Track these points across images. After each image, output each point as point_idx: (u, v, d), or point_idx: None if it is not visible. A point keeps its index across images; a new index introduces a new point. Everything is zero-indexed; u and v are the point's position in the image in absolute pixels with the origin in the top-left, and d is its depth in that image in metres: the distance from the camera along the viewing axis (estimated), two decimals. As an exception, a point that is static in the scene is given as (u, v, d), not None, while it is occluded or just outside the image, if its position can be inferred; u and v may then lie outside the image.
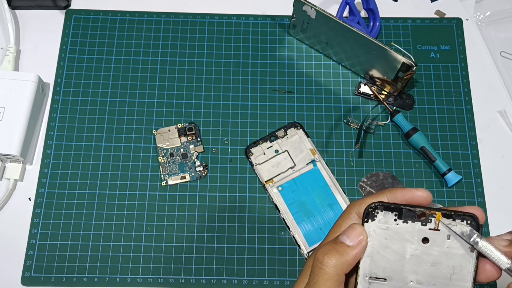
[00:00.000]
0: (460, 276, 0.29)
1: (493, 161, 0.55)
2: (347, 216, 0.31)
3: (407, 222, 0.29)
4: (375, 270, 0.29)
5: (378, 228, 0.29)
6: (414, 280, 0.29)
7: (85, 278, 0.50)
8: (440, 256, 0.29)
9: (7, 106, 0.52)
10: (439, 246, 0.29)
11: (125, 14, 0.61)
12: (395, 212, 0.29)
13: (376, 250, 0.29)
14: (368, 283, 0.29)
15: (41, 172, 0.53)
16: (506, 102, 0.58)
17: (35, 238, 0.51)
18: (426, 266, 0.29)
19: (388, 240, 0.29)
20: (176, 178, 0.53)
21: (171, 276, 0.50)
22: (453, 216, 0.29)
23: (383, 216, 0.29)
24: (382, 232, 0.29)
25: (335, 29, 0.54)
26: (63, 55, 0.58)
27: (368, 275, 0.29)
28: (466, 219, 0.29)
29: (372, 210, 0.29)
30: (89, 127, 0.55)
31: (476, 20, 0.62)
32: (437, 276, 0.29)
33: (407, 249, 0.29)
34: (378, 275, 0.29)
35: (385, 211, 0.29)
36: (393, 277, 0.29)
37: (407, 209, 0.29)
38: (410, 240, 0.29)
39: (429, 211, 0.29)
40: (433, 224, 0.29)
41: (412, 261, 0.29)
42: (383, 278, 0.29)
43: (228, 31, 0.60)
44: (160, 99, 0.57)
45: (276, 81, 0.58)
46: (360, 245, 0.29)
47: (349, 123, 0.56)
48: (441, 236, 0.29)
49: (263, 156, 0.54)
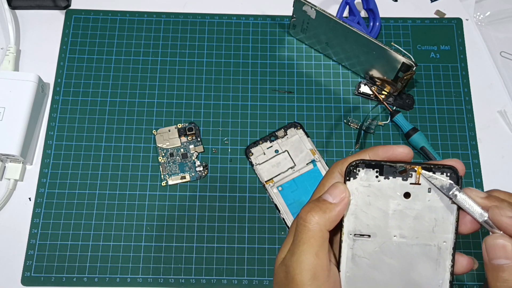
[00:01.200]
0: (442, 228, 0.29)
1: (493, 161, 0.55)
2: (330, 176, 0.32)
3: (389, 178, 0.29)
4: (359, 227, 0.30)
5: (360, 186, 0.30)
6: (398, 235, 0.29)
7: (85, 278, 0.50)
8: (423, 209, 0.29)
9: (7, 106, 0.52)
10: (421, 200, 0.29)
11: (125, 14, 0.61)
12: (377, 169, 0.29)
13: (359, 208, 0.30)
14: (353, 240, 0.30)
15: (41, 172, 0.53)
16: (506, 102, 0.58)
17: (35, 238, 0.51)
18: (409, 221, 0.29)
19: (371, 197, 0.30)
20: (176, 178, 0.53)
21: (171, 276, 0.50)
22: (433, 169, 0.29)
23: (365, 173, 0.29)
24: (364, 190, 0.30)
25: (335, 29, 0.54)
26: (63, 55, 0.58)
27: (352, 233, 0.30)
28: (446, 172, 0.29)
29: (353, 168, 0.30)
30: (89, 127, 0.55)
31: (476, 20, 0.62)
32: (420, 229, 0.29)
33: (390, 205, 0.29)
34: (362, 232, 0.30)
35: (367, 169, 0.29)
36: (377, 233, 0.30)
37: (388, 165, 0.29)
38: (393, 196, 0.29)
39: (410, 166, 0.29)
40: (414, 179, 0.29)
41: (395, 216, 0.29)
42: (367, 235, 0.30)
43: (228, 31, 0.60)
44: (160, 99, 0.57)
45: (276, 81, 0.58)
46: (343, 202, 0.29)
47: (349, 123, 0.56)
48: (422, 190, 0.29)
49: (263, 156, 0.54)
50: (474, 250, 0.51)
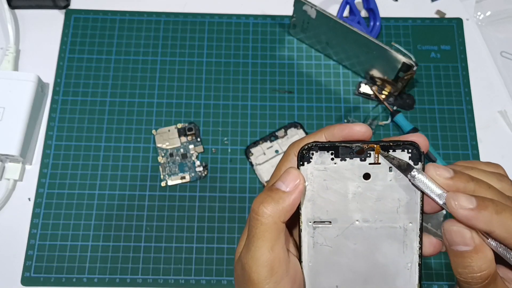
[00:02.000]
0: (406, 208, 0.27)
1: (493, 161, 0.55)
2: (286, 159, 0.29)
3: (345, 160, 0.27)
4: (318, 214, 0.28)
5: (315, 170, 0.27)
6: (360, 219, 0.28)
7: (84, 278, 0.50)
8: (384, 190, 0.27)
9: (6, 106, 0.52)
10: (382, 180, 0.27)
11: (125, 14, 0.61)
12: (332, 151, 0.27)
13: (316, 193, 0.27)
14: (313, 228, 0.28)
15: (40, 172, 0.53)
16: (506, 102, 0.58)
17: (35, 238, 0.51)
18: (371, 203, 0.27)
19: (328, 181, 0.27)
20: (176, 178, 0.53)
21: (171, 276, 0.50)
22: (392, 146, 0.27)
23: (319, 156, 0.27)
24: (320, 174, 0.27)
25: (335, 29, 0.54)
26: (63, 55, 0.58)
27: (311, 220, 0.28)
28: (407, 149, 0.27)
29: (306, 152, 0.27)
30: (88, 127, 0.55)
31: (476, 20, 0.61)
32: (383, 211, 0.27)
33: (349, 187, 0.27)
34: (322, 219, 0.28)
35: (321, 151, 0.27)
36: (338, 218, 0.28)
37: (343, 146, 0.27)
38: (351, 178, 0.27)
39: (367, 145, 0.27)
40: (372, 158, 0.27)
41: (356, 199, 0.27)
42: (327, 221, 0.28)
43: (228, 31, 0.60)
44: (160, 99, 0.57)
45: (276, 81, 0.58)
46: (297, 190, 0.27)
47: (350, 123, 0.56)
48: (383, 169, 0.27)
49: (263, 156, 0.54)
50: None
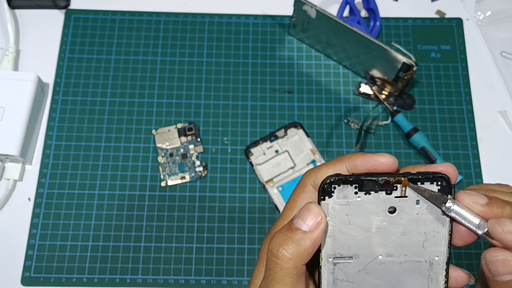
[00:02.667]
0: (433, 242, 0.26)
1: (494, 161, 0.55)
2: (302, 190, 0.27)
3: (370, 194, 0.25)
4: (339, 249, 0.26)
5: (337, 204, 0.25)
6: (383, 254, 0.26)
7: (84, 278, 0.50)
8: (410, 224, 0.26)
9: (6, 106, 0.52)
10: (408, 213, 0.26)
11: (125, 14, 0.61)
12: (355, 185, 0.25)
13: (337, 229, 0.26)
14: (333, 265, 0.26)
15: (40, 172, 0.53)
16: (507, 102, 0.58)
17: (35, 238, 0.51)
18: (395, 237, 0.26)
19: (351, 216, 0.26)
20: (176, 178, 0.53)
21: (171, 276, 0.50)
22: (421, 179, 0.25)
23: (342, 190, 0.25)
24: (342, 208, 0.25)
25: (335, 29, 0.54)
26: (63, 55, 0.58)
27: (332, 256, 0.26)
28: (437, 181, 0.25)
29: (328, 187, 0.25)
30: (88, 127, 0.55)
31: (476, 20, 0.61)
32: (408, 245, 0.26)
33: (373, 222, 0.26)
34: (343, 254, 0.26)
35: (344, 185, 0.25)
36: (360, 253, 0.26)
37: (368, 180, 0.25)
38: (375, 212, 0.26)
39: (394, 178, 0.25)
40: (399, 191, 0.25)
41: (380, 234, 0.26)
42: (349, 257, 0.26)
43: (228, 31, 0.60)
44: (160, 99, 0.57)
45: (276, 81, 0.58)
46: (319, 229, 0.25)
47: (350, 123, 0.56)
48: (410, 202, 0.25)
49: (263, 157, 0.54)
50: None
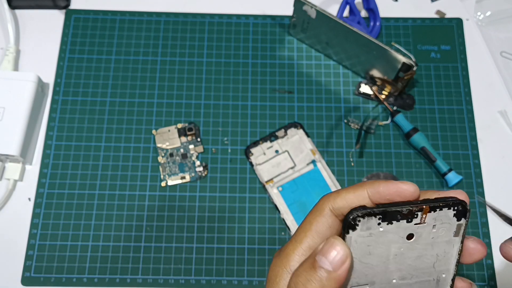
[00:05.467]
0: (443, 262, 0.27)
1: (494, 161, 0.55)
2: (320, 213, 0.27)
3: (392, 223, 0.25)
4: (357, 279, 0.26)
5: (360, 236, 0.25)
6: (397, 278, 0.27)
7: (85, 278, 0.50)
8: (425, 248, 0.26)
9: (6, 106, 0.52)
10: (425, 238, 0.26)
11: (125, 14, 0.61)
12: (379, 216, 0.25)
13: (358, 260, 0.26)
14: None
15: (40, 172, 0.53)
16: (507, 102, 0.58)
17: (35, 238, 0.51)
18: (410, 261, 0.26)
19: (371, 247, 0.26)
20: (176, 179, 0.53)
21: (171, 276, 0.50)
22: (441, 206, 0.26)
23: (366, 222, 0.25)
24: (364, 240, 0.25)
25: (335, 29, 0.54)
26: (63, 55, 0.58)
27: (349, 286, 0.26)
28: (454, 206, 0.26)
29: (353, 221, 0.25)
30: (89, 127, 0.55)
31: (476, 20, 0.61)
32: (421, 267, 0.27)
33: (391, 249, 0.26)
34: (360, 283, 0.26)
35: (368, 217, 0.25)
36: (376, 280, 0.27)
37: (394, 211, 0.25)
38: (394, 240, 0.26)
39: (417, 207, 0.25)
40: (419, 219, 0.26)
41: (396, 259, 0.26)
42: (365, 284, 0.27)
43: (228, 31, 0.60)
44: (160, 99, 0.57)
45: (276, 81, 0.58)
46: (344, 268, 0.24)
47: (350, 123, 0.56)
48: (427, 228, 0.26)
49: (263, 157, 0.54)
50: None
